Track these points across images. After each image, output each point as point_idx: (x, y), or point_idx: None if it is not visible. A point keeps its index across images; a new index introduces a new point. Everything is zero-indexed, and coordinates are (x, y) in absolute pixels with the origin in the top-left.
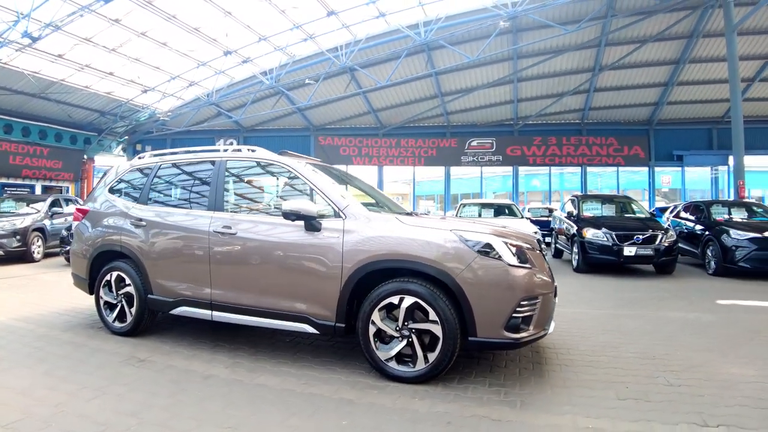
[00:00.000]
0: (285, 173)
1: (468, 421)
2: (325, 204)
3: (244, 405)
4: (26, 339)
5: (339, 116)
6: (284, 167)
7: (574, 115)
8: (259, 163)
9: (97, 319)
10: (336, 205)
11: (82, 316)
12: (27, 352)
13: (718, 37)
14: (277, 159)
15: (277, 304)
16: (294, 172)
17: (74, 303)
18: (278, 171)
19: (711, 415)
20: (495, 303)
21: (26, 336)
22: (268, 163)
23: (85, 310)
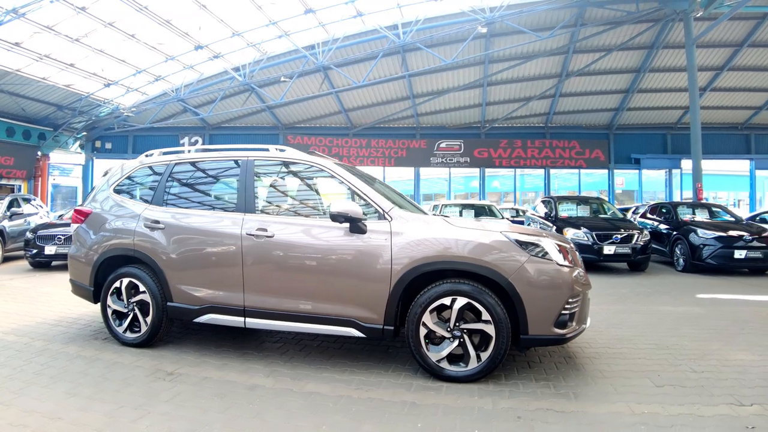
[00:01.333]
0: (318, 174)
1: (536, 415)
2: (367, 205)
3: (306, 415)
4: (26, 355)
5: (309, 115)
6: (318, 167)
7: (539, 118)
8: (289, 163)
9: (98, 329)
10: (380, 207)
11: (77, 326)
12: (34, 369)
13: (676, 48)
14: (309, 159)
15: (320, 309)
16: (330, 173)
17: (61, 312)
18: (310, 171)
19: (741, 395)
20: (546, 301)
21: (24, 351)
22: (299, 163)
23: (78, 319)
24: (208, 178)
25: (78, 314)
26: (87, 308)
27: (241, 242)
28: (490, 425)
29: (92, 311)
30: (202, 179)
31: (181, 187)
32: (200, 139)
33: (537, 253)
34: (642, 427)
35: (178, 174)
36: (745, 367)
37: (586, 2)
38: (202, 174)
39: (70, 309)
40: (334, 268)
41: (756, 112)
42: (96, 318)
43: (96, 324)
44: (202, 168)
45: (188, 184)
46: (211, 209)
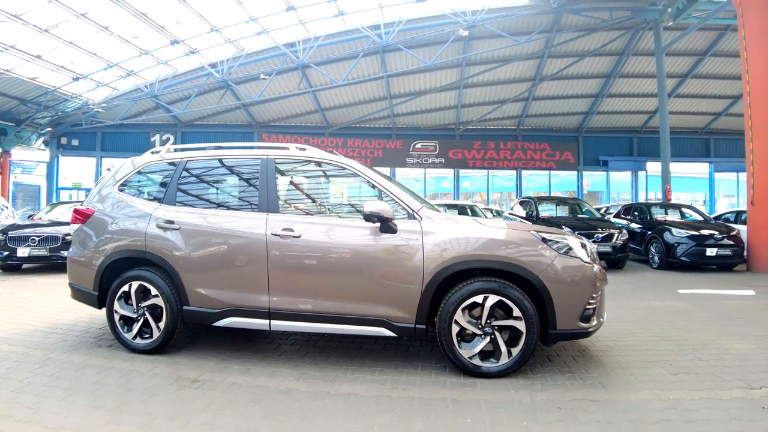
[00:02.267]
0: (342, 173)
1: (573, 405)
2: (395, 205)
3: (352, 416)
4: (28, 366)
5: (285, 114)
6: (341, 166)
7: (511, 121)
8: (312, 162)
9: (98, 336)
10: (410, 207)
11: (75, 334)
12: (43, 381)
13: (645, 56)
14: (333, 158)
15: (349, 309)
16: (354, 172)
17: (50, 318)
18: (334, 171)
19: (749, 380)
20: (573, 297)
21: (24, 362)
22: (323, 162)
23: (72, 325)
24: (225, 177)
25: (70, 320)
26: (78, 313)
27: (266, 243)
28: (535, 416)
29: (86, 317)
30: (217, 178)
31: (195, 186)
32: (172, 137)
33: (564, 250)
34: (672, 412)
35: (191, 172)
36: (744, 356)
37: (563, 9)
38: (217, 172)
39: (59, 315)
40: (365, 268)
41: (715, 117)
42: (93, 324)
43: (94, 330)
44: (217, 166)
45: (203, 182)
46: (229, 209)
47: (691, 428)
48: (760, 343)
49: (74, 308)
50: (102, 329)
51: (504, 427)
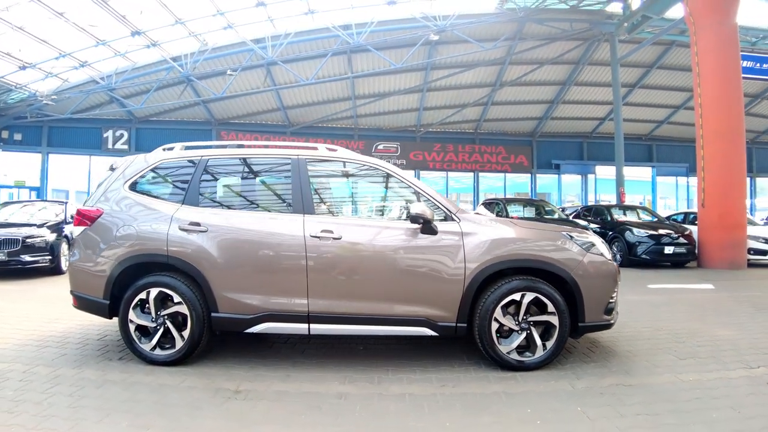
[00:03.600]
0: (376, 174)
1: (612, 390)
2: (433, 206)
3: (420, 415)
4: (37, 385)
5: (245, 111)
6: (374, 168)
7: (470, 124)
8: (346, 163)
9: (102, 348)
10: (447, 209)
11: (73, 346)
12: (65, 402)
13: (599, 65)
14: (366, 160)
15: (391, 310)
16: (388, 173)
17: (34, 331)
18: (367, 172)
19: (746, 361)
20: (599, 292)
21: (31, 381)
22: (356, 163)
23: (65, 338)
24: (251, 177)
25: (60, 331)
26: (65, 323)
27: (304, 245)
28: (584, 402)
29: (76, 326)
30: (243, 178)
31: (220, 186)
32: (126, 133)
33: (591, 249)
34: (697, 391)
35: (213, 171)
36: (731, 341)
37: (527, 18)
38: (243, 172)
39: (43, 326)
40: (407, 269)
41: (658, 125)
42: (87, 334)
43: (93, 342)
44: (243, 165)
45: (228, 182)
46: (258, 210)
47: (720, 403)
48: (740, 330)
49: (56, 317)
50: (102, 340)
51: (562, 414)
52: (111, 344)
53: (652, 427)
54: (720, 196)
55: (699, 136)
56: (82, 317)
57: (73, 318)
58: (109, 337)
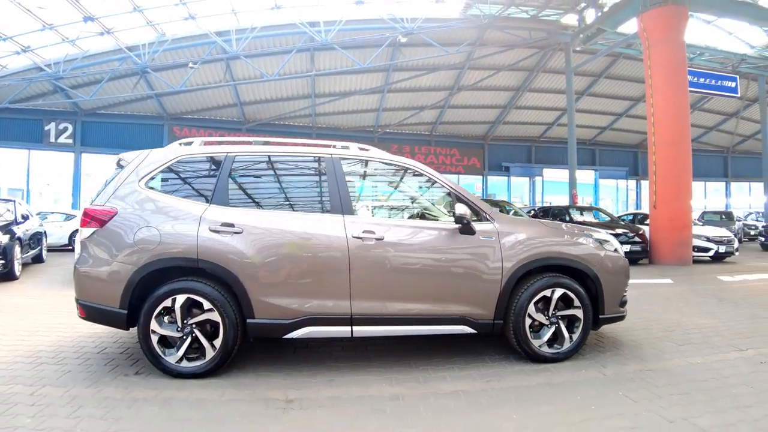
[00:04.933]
0: (410, 175)
1: (638, 375)
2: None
3: (481, 410)
4: (55, 409)
5: (199, 106)
6: (407, 168)
7: (426, 126)
8: (380, 163)
9: (107, 360)
10: (483, 209)
11: (73, 361)
12: (100, 427)
13: (551, 73)
14: (398, 160)
15: (433, 310)
16: (421, 173)
17: (12, 344)
18: (402, 172)
19: (735, 345)
20: (616, 287)
21: (44, 404)
22: (390, 163)
23: (56, 350)
24: (283, 175)
25: (49, 346)
26: (47, 336)
27: (347, 246)
28: (622, 386)
29: (65, 338)
30: (274, 176)
31: (249, 185)
32: (70, 126)
33: (608, 246)
34: (709, 372)
35: (241, 168)
36: (713, 328)
37: (490, 24)
38: (274, 170)
39: (23, 341)
40: (448, 269)
41: (601, 131)
42: (83, 347)
43: (93, 355)
44: (273, 163)
45: (258, 181)
46: (293, 210)
47: (732, 381)
48: (716, 319)
49: (33, 330)
50: (103, 353)
51: (608, 399)
52: (116, 357)
53: (688, 404)
54: (670, 199)
55: (651, 143)
56: (64, 329)
57: (54, 329)
58: (110, 350)
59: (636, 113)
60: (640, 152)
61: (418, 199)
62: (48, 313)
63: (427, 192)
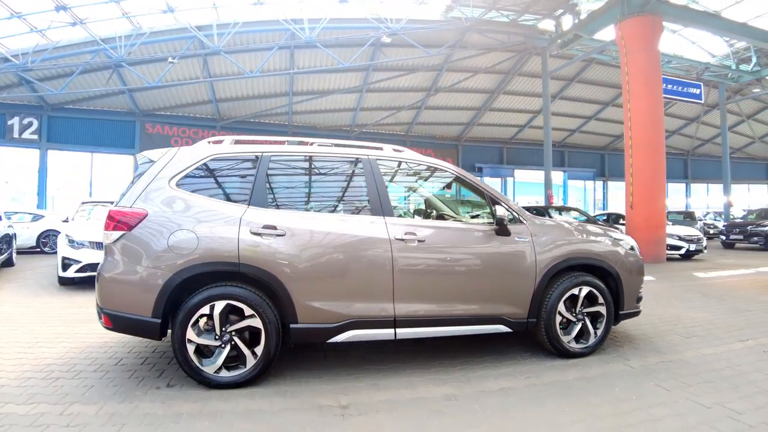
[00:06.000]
0: (445, 177)
1: (661, 366)
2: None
3: (533, 405)
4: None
5: (173, 102)
6: (441, 170)
7: (402, 127)
8: (415, 164)
9: (127, 372)
10: (515, 211)
11: (91, 374)
12: None
13: (526, 77)
14: (431, 162)
15: (472, 310)
16: (458, 176)
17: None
18: (437, 174)
19: (736, 336)
20: (634, 284)
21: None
22: (425, 165)
23: (67, 363)
24: (320, 176)
25: (58, 359)
26: (54, 348)
27: (390, 247)
28: (651, 377)
29: (74, 350)
30: (312, 177)
31: (286, 186)
32: (35, 121)
33: (626, 245)
34: (723, 362)
35: (277, 169)
36: (710, 322)
37: (472, 27)
38: (311, 171)
39: (28, 354)
40: (487, 269)
41: (571, 133)
42: (97, 359)
43: (112, 367)
44: (309, 163)
45: (294, 182)
46: (333, 212)
47: (746, 369)
48: (708, 313)
49: (33, 341)
50: (121, 364)
51: (644, 388)
52: (138, 368)
53: (715, 391)
54: (646, 199)
55: (628, 147)
56: (66, 339)
57: (56, 339)
58: (127, 360)
59: (605, 116)
60: (607, 154)
61: (452, 200)
62: (42, 323)
63: (461, 193)
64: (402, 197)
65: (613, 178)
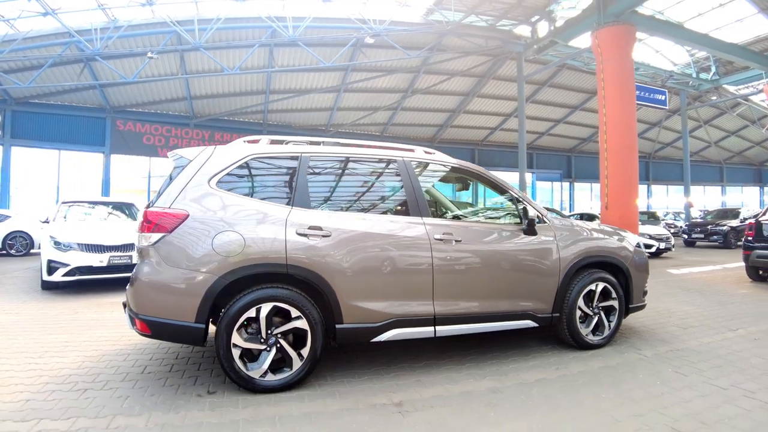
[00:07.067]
0: (474, 178)
1: (673, 354)
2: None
3: (570, 395)
4: None
5: (145, 99)
6: (471, 172)
7: (377, 128)
8: (447, 167)
9: (165, 381)
10: (540, 212)
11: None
12: None
13: (501, 80)
14: (464, 164)
15: (505, 306)
16: (486, 178)
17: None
18: (466, 176)
19: (726, 326)
20: (641, 280)
21: None
22: (455, 167)
23: (89, 372)
24: (358, 177)
25: (77, 368)
26: (66, 357)
27: (430, 247)
28: (667, 364)
29: (87, 359)
30: (350, 178)
31: (326, 186)
32: None
33: (633, 243)
34: (723, 349)
35: (317, 170)
36: (700, 314)
37: (452, 31)
38: (348, 172)
39: (40, 363)
40: (518, 267)
41: (540, 136)
42: (120, 367)
43: (138, 375)
44: (347, 164)
45: (334, 182)
46: (373, 212)
47: (745, 354)
48: (695, 306)
49: (43, 350)
50: (147, 372)
51: (665, 375)
52: (167, 375)
53: (726, 374)
54: (620, 200)
55: (603, 150)
56: (77, 346)
57: (66, 348)
58: (152, 368)
59: (573, 120)
60: (573, 156)
61: (481, 201)
62: (41, 331)
63: (489, 194)
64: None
65: (579, 179)
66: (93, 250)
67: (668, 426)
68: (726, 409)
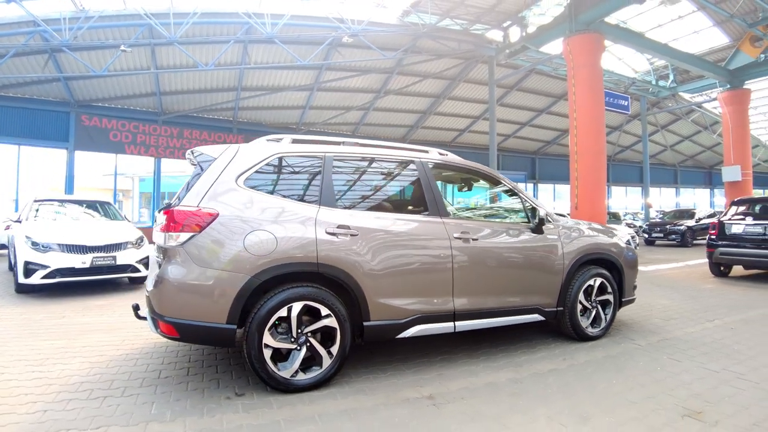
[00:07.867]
0: (482, 179)
1: (664, 343)
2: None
3: (582, 383)
4: None
5: (112, 93)
6: (481, 173)
7: (349, 127)
8: (459, 168)
9: (186, 385)
10: (546, 211)
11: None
12: None
13: (471, 83)
14: (474, 165)
15: (518, 302)
16: (496, 179)
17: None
18: (474, 176)
19: (703, 318)
20: (632, 275)
21: None
22: (467, 168)
23: (102, 378)
24: (379, 177)
25: (87, 375)
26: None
27: (450, 245)
28: (661, 352)
29: (94, 365)
30: (371, 178)
31: (350, 186)
32: None
33: (625, 241)
34: (707, 338)
35: (339, 170)
36: (677, 306)
37: (428, 34)
38: (370, 172)
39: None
40: (529, 264)
41: (506, 138)
42: (132, 372)
43: (155, 380)
44: (368, 164)
45: (357, 182)
46: (395, 212)
47: (728, 341)
48: (669, 300)
49: (44, 357)
50: (163, 377)
51: (662, 362)
52: (187, 379)
53: (715, 360)
54: (589, 201)
55: (573, 152)
56: (77, 352)
57: (67, 354)
58: (167, 371)
59: (538, 123)
60: (538, 158)
61: (491, 201)
62: (32, 336)
63: (499, 195)
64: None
65: (542, 180)
66: (75, 251)
67: (679, 405)
68: (723, 389)
